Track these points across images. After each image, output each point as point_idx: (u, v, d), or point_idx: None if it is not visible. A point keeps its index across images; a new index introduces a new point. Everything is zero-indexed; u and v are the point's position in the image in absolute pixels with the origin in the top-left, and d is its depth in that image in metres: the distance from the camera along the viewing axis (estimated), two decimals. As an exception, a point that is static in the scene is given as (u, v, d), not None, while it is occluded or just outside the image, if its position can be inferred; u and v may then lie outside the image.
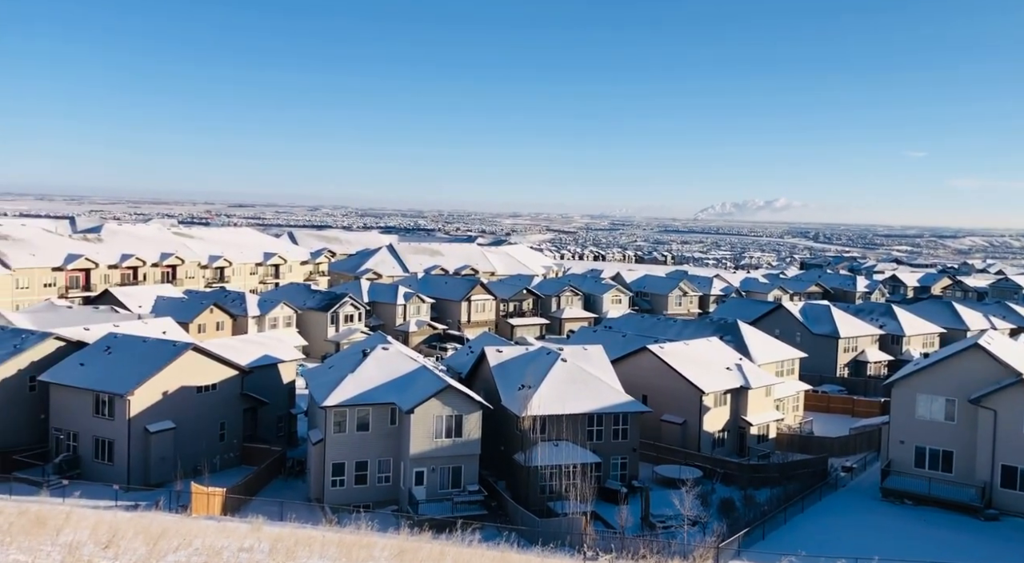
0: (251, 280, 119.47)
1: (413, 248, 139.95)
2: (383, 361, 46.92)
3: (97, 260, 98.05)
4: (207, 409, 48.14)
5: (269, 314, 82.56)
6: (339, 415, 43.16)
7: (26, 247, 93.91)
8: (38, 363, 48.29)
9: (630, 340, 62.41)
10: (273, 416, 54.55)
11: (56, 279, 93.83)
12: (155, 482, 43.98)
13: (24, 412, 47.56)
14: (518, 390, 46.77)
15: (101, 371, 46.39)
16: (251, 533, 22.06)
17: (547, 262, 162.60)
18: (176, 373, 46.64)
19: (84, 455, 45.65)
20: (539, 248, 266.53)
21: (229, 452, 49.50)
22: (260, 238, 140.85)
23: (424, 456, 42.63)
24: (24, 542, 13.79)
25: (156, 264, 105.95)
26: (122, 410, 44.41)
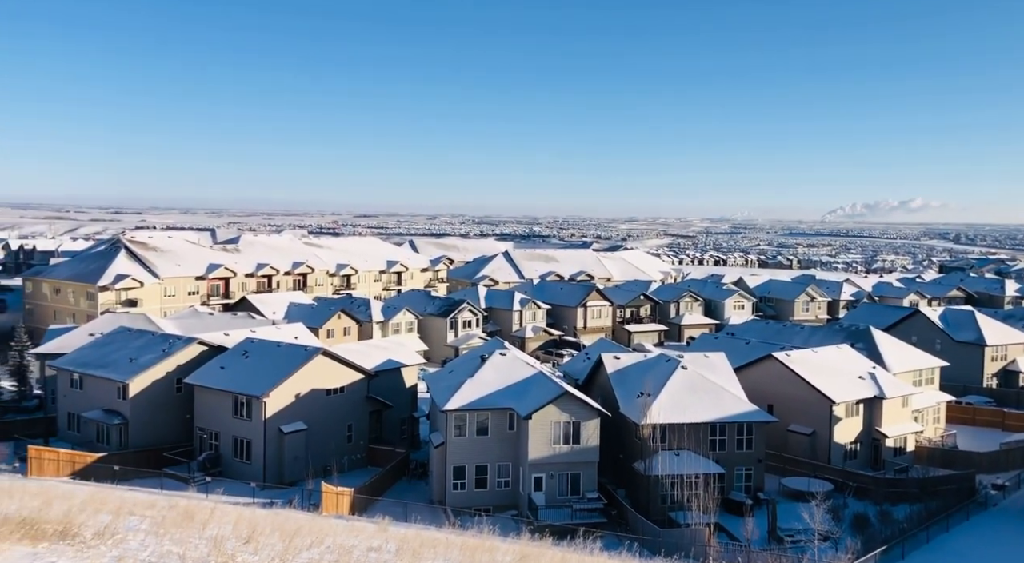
0: (375, 287, 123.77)
1: (528, 254, 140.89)
2: (501, 366, 47.45)
3: (235, 269, 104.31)
4: (335, 411, 50.15)
5: (392, 320, 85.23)
6: (459, 419, 43.96)
7: (173, 258, 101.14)
8: (184, 366, 51.79)
9: (754, 347, 60.32)
10: (396, 419, 56.21)
11: (199, 287, 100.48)
12: (288, 481, 46.20)
13: (172, 412, 51.11)
14: (637, 398, 46.14)
15: (240, 374, 49.22)
16: (378, 533, 22.77)
17: (665, 267, 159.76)
18: (307, 376, 48.85)
19: (225, 453, 48.56)
20: (656, 253, 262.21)
21: (356, 453, 51.36)
22: (383, 247, 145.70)
23: (542, 462, 42.73)
24: (176, 534, 14.78)
25: (288, 272, 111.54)
26: (259, 411, 46.95)
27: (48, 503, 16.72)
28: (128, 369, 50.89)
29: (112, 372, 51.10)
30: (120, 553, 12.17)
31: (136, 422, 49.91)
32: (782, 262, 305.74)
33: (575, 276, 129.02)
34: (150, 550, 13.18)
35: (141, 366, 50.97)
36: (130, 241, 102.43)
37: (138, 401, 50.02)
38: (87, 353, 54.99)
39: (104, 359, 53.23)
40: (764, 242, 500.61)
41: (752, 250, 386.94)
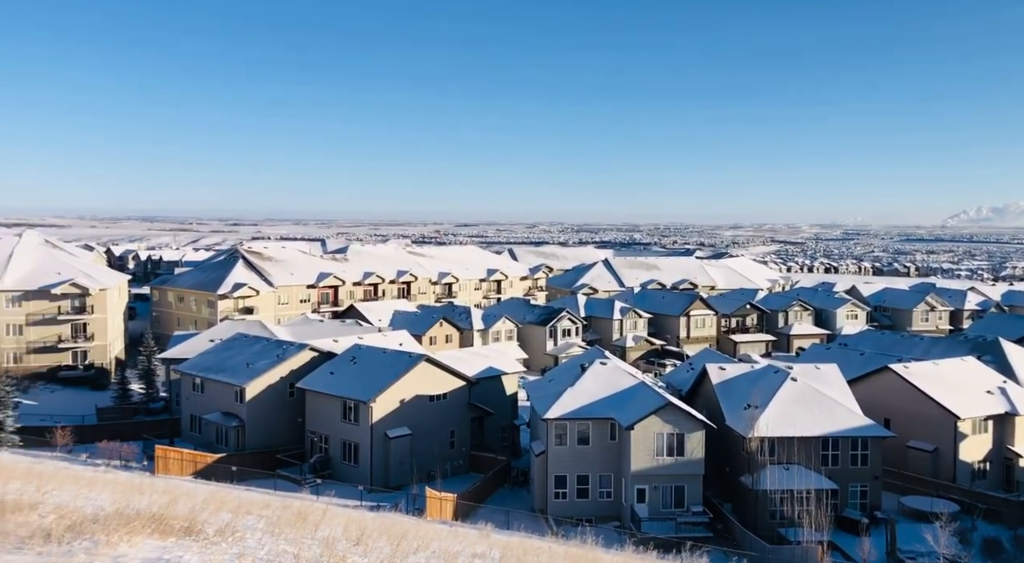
0: (475, 295, 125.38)
1: (629, 262, 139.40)
2: (601, 376, 47.06)
3: (344, 278, 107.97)
4: (438, 417, 51.01)
5: (492, 328, 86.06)
6: (560, 428, 43.85)
7: (286, 267, 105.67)
8: (296, 371, 53.94)
9: (869, 359, 57.50)
10: (497, 426, 56.63)
11: (310, 295, 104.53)
12: (394, 485, 47.28)
13: (285, 415, 53.29)
14: (743, 409, 44.77)
15: (348, 379, 50.83)
16: (481, 540, 22.93)
17: (772, 275, 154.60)
18: (411, 382, 49.92)
19: (334, 456, 50.20)
20: (763, 260, 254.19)
21: (458, 459, 52.05)
22: (483, 255, 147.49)
23: (645, 473, 42.06)
24: (290, 534, 15.33)
25: (393, 281, 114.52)
26: (366, 416, 48.31)
27: (174, 500, 17.66)
28: (245, 374, 53.42)
29: (230, 376, 53.75)
30: (240, 550, 12.71)
31: (252, 424, 52.29)
32: (899, 270, 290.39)
33: (677, 284, 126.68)
34: (267, 549, 13.69)
35: (257, 371, 53.39)
36: (247, 251, 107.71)
37: (254, 404, 52.40)
38: (207, 358, 58.07)
39: (223, 364, 56.08)
40: (879, 248, 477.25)
41: (866, 257, 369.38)
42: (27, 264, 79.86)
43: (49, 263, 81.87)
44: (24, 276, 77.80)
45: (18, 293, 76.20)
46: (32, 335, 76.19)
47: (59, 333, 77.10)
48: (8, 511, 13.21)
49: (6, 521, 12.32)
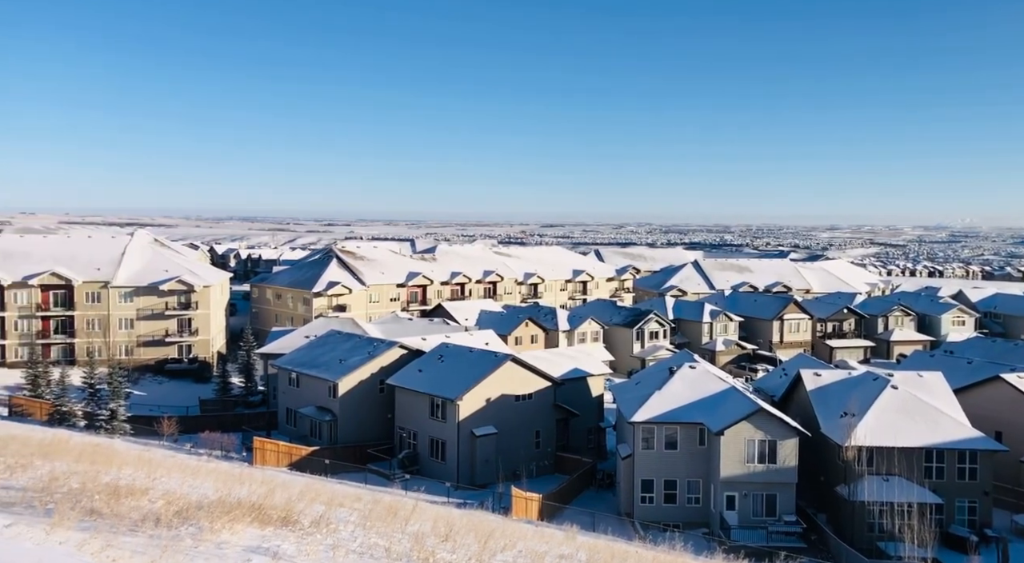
0: (561, 296, 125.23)
1: (719, 264, 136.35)
2: (690, 380, 46.21)
3: (432, 277, 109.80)
4: (524, 417, 51.18)
5: (578, 329, 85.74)
6: (647, 431, 43.29)
7: (377, 266, 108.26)
8: (386, 368, 55.14)
9: (978, 367, 54.36)
10: (583, 428, 56.37)
11: (399, 294, 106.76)
12: (480, 483, 47.72)
13: (375, 411, 54.57)
14: (840, 417, 43.09)
15: (435, 377, 51.63)
16: (566, 541, 22.86)
17: (871, 279, 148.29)
18: (497, 382, 50.27)
19: (422, 452, 51.08)
20: (862, 263, 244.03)
21: (543, 460, 52.09)
22: (569, 256, 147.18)
23: (735, 480, 41.04)
24: (380, 528, 15.67)
25: (479, 281, 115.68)
26: (452, 414, 48.96)
27: (272, 491, 18.29)
28: (338, 369, 54.99)
29: (324, 372, 55.44)
30: (334, 542, 13.06)
31: (344, 419, 53.78)
32: (1011, 274, 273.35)
33: (770, 287, 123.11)
34: (359, 541, 14.02)
35: (349, 367, 54.89)
36: (340, 251, 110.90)
37: (346, 400, 53.88)
38: (302, 354, 60.07)
39: (317, 360, 57.90)
40: (989, 251, 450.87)
41: (974, 260, 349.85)
42: (138, 262, 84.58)
43: (158, 261, 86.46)
44: (135, 273, 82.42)
45: (129, 289, 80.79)
46: (142, 329, 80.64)
47: (166, 328, 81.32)
48: (123, 495, 13.99)
49: (121, 504, 13.06)
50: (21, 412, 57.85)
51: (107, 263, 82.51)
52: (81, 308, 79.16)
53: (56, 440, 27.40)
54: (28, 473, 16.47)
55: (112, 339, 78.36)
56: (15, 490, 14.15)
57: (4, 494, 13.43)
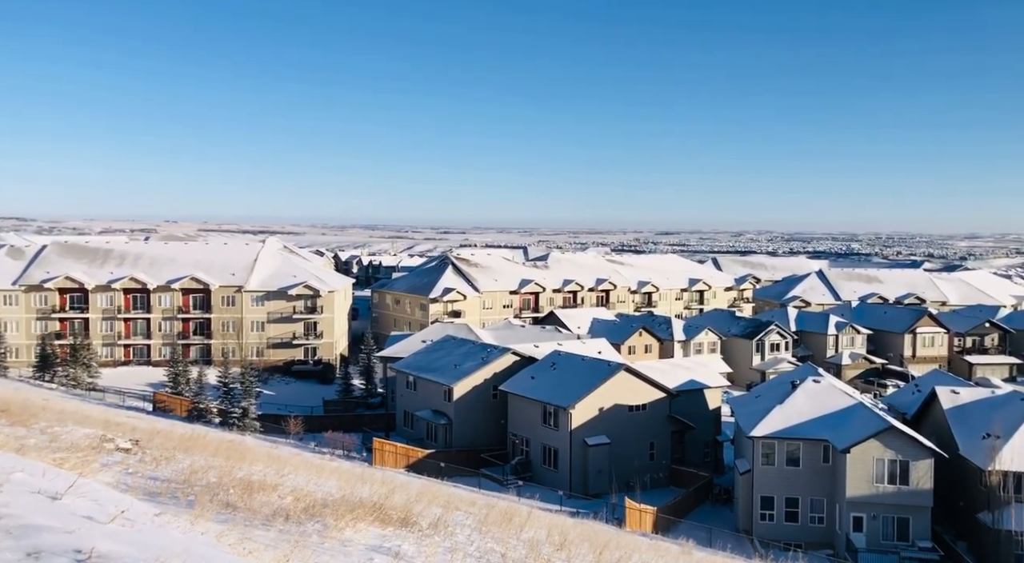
0: (676, 305, 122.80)
1: (845, 274, 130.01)
2: (814, 394, 44.24)
3: (544, 285, 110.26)
4: (637, 428, 50.47)
5: (694, 339, 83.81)
6: (767, 447, 41.75)
7: (490, 273, 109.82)
8: (499, 374, 55.74)
9: None
10: (699, 441, 55.01)
11: (512, 301, 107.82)
12: (592, 492, 47.39)
13: (488, 416, 55.25)
14: (981, 439, 40.08)
15: (548, 385, 51.74)
16: (682, 555, 22.36)
17: (1018, 291, 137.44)
18: (610, 391, 49.83)
19: (534, 459, 51.28)
20: (1007, 274, 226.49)
21: (658, 472, 51.17)
22: (684, 264, 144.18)
23: (862, 501, 38.91)
24: (496, 533, 15.81)
25: (592, 288, 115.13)
26: (565, 422, 48.89)
27: (391, 492, 18.82)
28: (453, 374, 56.06)
29: (439, 376, 56.66)
30: (451, 545, 13.27)
31: (459, 423, 54.74)
32: None
33: (902, 299, 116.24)
34: (475, 545, 14.18)
35: (463, 372, 55.84)
36: (456, 258, 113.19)
37: (461, 404, 54.84)
38: (419, 358, 61.63)
39: (433, 364, 59.26)
40: None
41: None
42: (268, 268, 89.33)
43: (286, 267, 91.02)
44: (266, 278, 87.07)
45: (261, 293, 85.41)
46: (271, 332, 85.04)
47: (293, 331, 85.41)
48: (255, 490, 14.75)
49: (254, 499, 13.78)
50: (164, 407, 62.19)
51: (241, 269, 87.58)
52: (217, 311, 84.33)
53: (194, 435, 29.20)
54: (171, 466, 17.63)
55: (244, 340, 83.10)
56: (160, 481, 15.17)
57: (152, 484, 14.42)
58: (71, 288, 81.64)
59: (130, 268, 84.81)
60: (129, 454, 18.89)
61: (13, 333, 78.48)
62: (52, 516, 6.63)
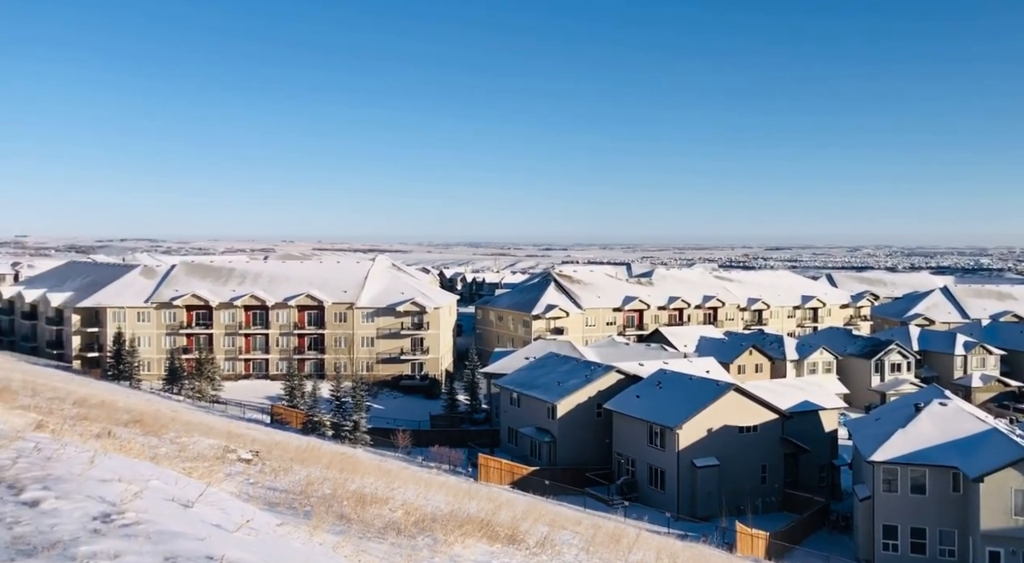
0: (788, 323, 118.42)
1: (974, 291, 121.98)
2: (940, 418, 41.58)
3: (648, 302, 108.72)
4: (748, 450, 48.80)
5: (807, 359, 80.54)
6: (889, 473, 39.49)
7: (593, 290, 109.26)
8: (603, 392, 55.22)
9: None
10: (815, 465, 52.66)
11: (616, 318, 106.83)
12: (701, 515, 46.09)
13: (592, 434, 54.75)
14: None
15: (653, 404, 50.83)
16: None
17: None
18: (719, 411, 48.46)
19: (640, 480, 50.38)
20: None
21: (770, 496, 49.26)
22: (797, 281, 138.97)
23: (1000, 534, 36.16)
24: (603, 554, 15.60)
25: (699, 306, 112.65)
26: (672, 442, 47.85)
27: (498, 508, 18.89)
28: (556, 391, 55.96)
29: (543, 393, 56.67)
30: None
31: (563, 441, 54.50)
32: None
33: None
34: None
35: (567, 389, 55.64)
36: (558, 275, 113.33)
37: (564, 421, 54.62)
38: (523, 374, 61.86)
39: (536, 381, 59.34)
40: None
41: None
42: (378, 285, 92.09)
43: (394, 284, 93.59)
44: (376, 295, 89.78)
45: (371, 310, 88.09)
46: (380, 347, 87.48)
47: (401, 346, 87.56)
48: (368, 503, 15.12)
49: (367, 511, 14.11)
50: (281, 420, 64.89)
51: (352, 286, 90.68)
52: (330, 327, 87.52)
53: (309, 447, 30.28)
54: (288, 477, 18.32)
55: (355, 355, 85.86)
56: (279, 491, 15.78)
57: (271, 494, 15.02)
58: (197, 305, 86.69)
59: (250, 286, 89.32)
60: (250, 465, 19.76)
61: (146, 347, 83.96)
62: (185, 523, 6.99)
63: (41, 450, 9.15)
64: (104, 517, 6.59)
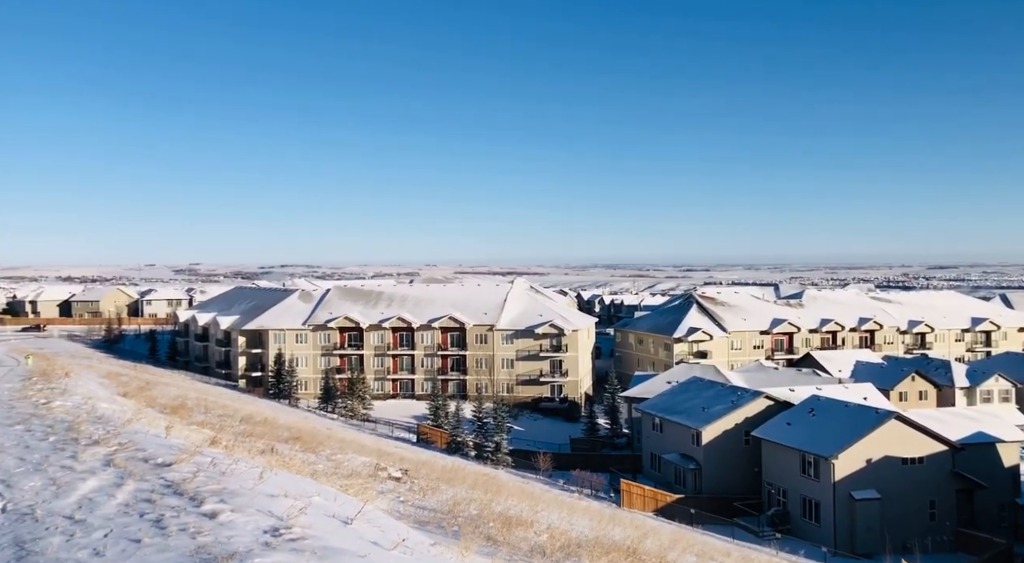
0: (956, 347, 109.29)
1: None
2: None
3: (798, 324, 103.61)
4: (913, 484, 45.27)
5: (980, 386, 73.99)
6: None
7: (738, 312, 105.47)
8: (751, 419, 53.01)
9: None
10: (993, 503, 48.08)
11: (763, 341, 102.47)
12: (861, 552, 43.10)
13: (740, 462, 52.60)
14: None
15: (806, 432, 48.22)
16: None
17: None
18: (879, 441, 45.31)
19: (793, 511, 47.81)
20: None
21: (940, 535, 45.36)
22: (965, 301, 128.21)
23: None
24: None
25: (854, 329, 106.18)
26: (827, 473, 45.14)
27: (644, 536, 18.48)
28: (701, 417, 54.29)
29: (687, 419, 55.13)
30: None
31: (708, 468, 52.71)
32: None
33: None
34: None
35: (712, 415, 53.87)
36: (701, 296, 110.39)
37: (710, 449, 52.84)
38: (665, 399, 60.49)
39: (679, 406, 57.83)
40: None
41: None
42: (517, 307, 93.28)
43: (533, 306, 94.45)
44: (514, 317, 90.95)
45: (510, 332, 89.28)
46: (520, 369, 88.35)
47: (540, 368, 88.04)
48: (513, 525, 15.21)
49: (513, 534, 14.19)
50: (426, 439, 66.78)
51: (492, 308, 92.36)
52: (471, 348, 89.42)
53: (454, 467, 30.94)
54: (436, 496, 18.76)
55: (495, 377, 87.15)
56: (428, 510, 16.18)
57: (420, 513, 15.42)
58: (349, 327, 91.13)
59: (397, 308, 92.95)
60: (400, 483, 20.43)
61: (303, 367, 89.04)
62: (346, 539, 7.27)
63: (216, 465, 9.85)
64: (273, 531, 6.97)
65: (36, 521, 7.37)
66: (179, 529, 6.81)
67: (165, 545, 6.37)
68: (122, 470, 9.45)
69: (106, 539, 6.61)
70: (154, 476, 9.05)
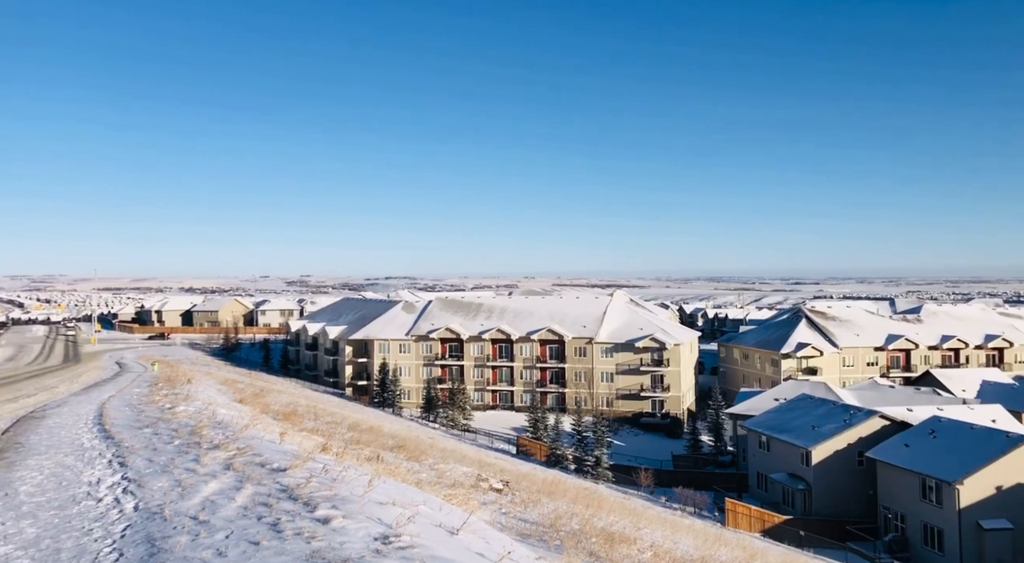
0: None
1: None
2: None
3: (916, 340, 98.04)
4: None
5: None
6: None
7: (851, 328, 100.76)
8: (865, 439, 50.47)
9: None
10: None
11: (877, 358, 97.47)
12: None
13: (853, 484, 50.12)
14: None
15: (926, 454, 45.49)
16: None
17: None
18: (1011, 467, 42.20)
19: (912, 538, 45.12)
20: None
21: (1081, 572, 41.74)
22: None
23: None
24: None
25: (979, 346, 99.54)
26: (950, 499, 42.40)
27: (751, 557, 17.87)
28: (811, 436, 52.10)
29: (795, 437, 53.02)
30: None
31: (819, 489, 50.49)
32: None
33: None
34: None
35: (823, 434, 51.62)
36: (810, 311, 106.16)
37: (820, 469, 50.62)
38: (772, 417, 58.38)
39: (787, 424, 55.69)
40: None
41: None
42: (616, 320, 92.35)
43: (633, 319, 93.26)
44: (614, 330, 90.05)
45: (609, 345, 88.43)
46: (620, 383, 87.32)
47: (640, 382, 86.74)
48: (616, 542, 14.99)
49: (615, 551, 13.99)
50: (525, 451, 66.89)
51: (591, 321, 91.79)
52: (570, 361, 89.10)
53: (555, 481, 30.83)
54: (537, 509, 18.73)
55: (595, 391, 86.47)
56: (529, 523, 16.16)
57: (522, 526, 15.42)
58: (450, 338, 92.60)
59: (497, 320, 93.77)
60: (501, 494, 20.51)
61: (406, 377, 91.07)
62: (453, 550, 7.34)
63: (328, 471, 10.16)
64: (383, 539, 7.12)
65: (165, 520, 7.80)
66: (294, 533, 7.06)
67: (282, 548, 6.61)
68: (241, 474, 9.89)
69: (227, 540, 6.93)
70: (270, 480, 9.42)
